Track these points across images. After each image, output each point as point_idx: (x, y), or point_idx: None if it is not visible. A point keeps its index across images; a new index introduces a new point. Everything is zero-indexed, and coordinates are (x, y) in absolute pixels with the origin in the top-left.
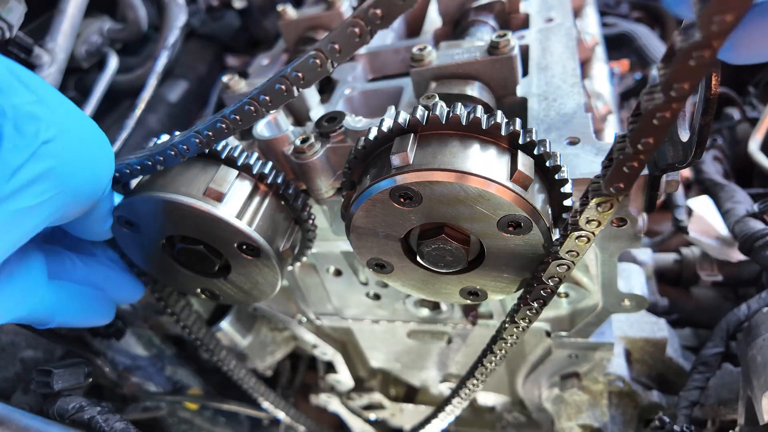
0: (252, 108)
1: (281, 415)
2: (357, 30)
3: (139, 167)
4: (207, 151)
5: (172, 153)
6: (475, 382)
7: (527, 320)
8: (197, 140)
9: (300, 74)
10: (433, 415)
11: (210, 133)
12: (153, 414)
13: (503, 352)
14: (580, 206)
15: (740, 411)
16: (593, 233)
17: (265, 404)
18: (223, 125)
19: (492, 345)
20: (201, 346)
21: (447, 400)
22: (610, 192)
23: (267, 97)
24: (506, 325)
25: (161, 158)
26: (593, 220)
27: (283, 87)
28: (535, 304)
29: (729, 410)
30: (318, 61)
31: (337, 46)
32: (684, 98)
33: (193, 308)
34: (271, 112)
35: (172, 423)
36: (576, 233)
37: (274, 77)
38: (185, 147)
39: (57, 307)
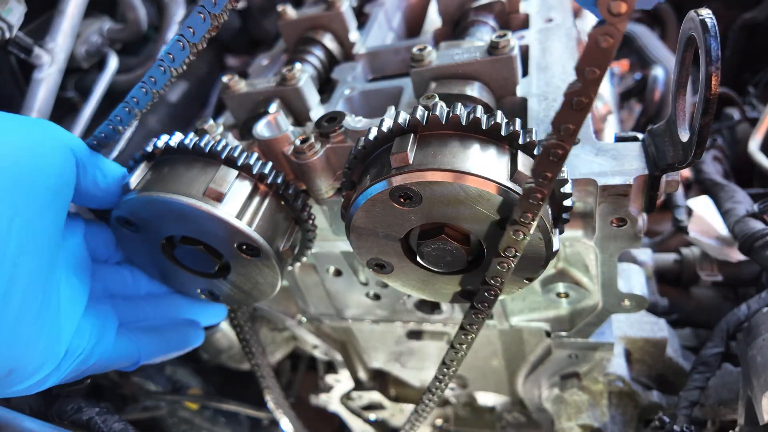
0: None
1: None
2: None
3: (103, 135)
4: (207, 150)
5: (126, 109)
6: (439, 381)
7: (484, 310)
8: (143, 89)
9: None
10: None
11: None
12: (153, 414)
13: (461, 354)
14: (537, 158)
15: (740, 411)
16: (545, 191)
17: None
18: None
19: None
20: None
21: (419, 403)
22: (559, 134)
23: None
24: (464, 320)
25: (118, 117)
26: (545, 173)
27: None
28: (493, 282)
29: (729, 410)
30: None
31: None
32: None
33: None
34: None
35: (172, 423)
36: (530, 186)
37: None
38: (135, 99)
39: (135, 351)
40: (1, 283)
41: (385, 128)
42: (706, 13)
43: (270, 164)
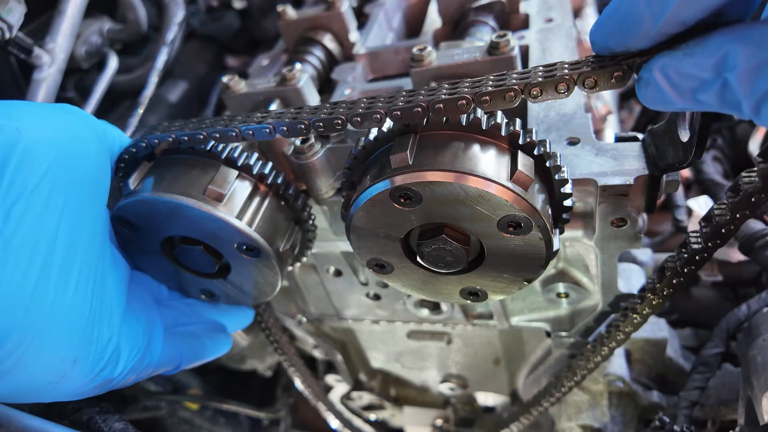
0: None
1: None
2: None
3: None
4: (207, 150)
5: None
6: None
7: None
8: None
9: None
10: None
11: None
12: (153, 414)
13: None
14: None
15: (740, 411)
16: None
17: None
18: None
19: None
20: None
21: None
22: None
23: None
24: None
25: (186, 138)
26: None
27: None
28: None
29: (729, 410)
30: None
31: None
32: None
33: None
34: None
35: (172, 423)
36: None
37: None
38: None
39: (178, 355)
40: (55, 268)
41: (385, 128)
42: None
43: (270, 164)
